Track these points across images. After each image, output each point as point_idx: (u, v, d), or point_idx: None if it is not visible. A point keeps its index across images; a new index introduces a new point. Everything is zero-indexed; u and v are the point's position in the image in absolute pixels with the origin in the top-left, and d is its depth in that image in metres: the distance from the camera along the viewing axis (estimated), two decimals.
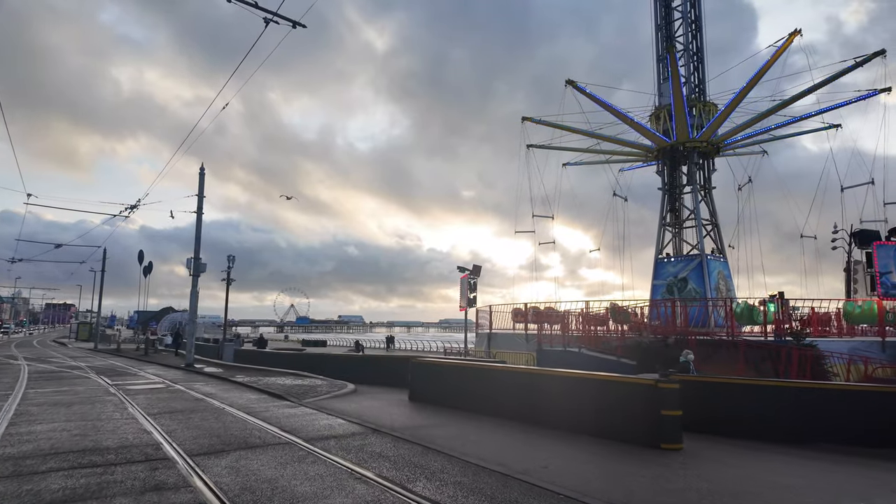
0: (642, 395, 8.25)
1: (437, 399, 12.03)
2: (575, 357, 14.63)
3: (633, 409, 8.31)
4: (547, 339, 15.94)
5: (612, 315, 17.97)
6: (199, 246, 24.07)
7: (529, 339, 19.13)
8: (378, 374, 18.11)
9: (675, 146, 24.79)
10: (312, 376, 18.17)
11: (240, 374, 19.29)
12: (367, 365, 19.02)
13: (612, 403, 8.57)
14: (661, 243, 25.70)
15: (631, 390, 8.45)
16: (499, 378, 10.65)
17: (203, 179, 24.54)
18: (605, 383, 8.77)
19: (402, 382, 16.21)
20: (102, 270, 47.86)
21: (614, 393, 8.65)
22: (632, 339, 14.78)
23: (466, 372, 11.58)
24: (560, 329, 21.38)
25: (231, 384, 16.81)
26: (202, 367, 22.68)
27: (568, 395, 9.21)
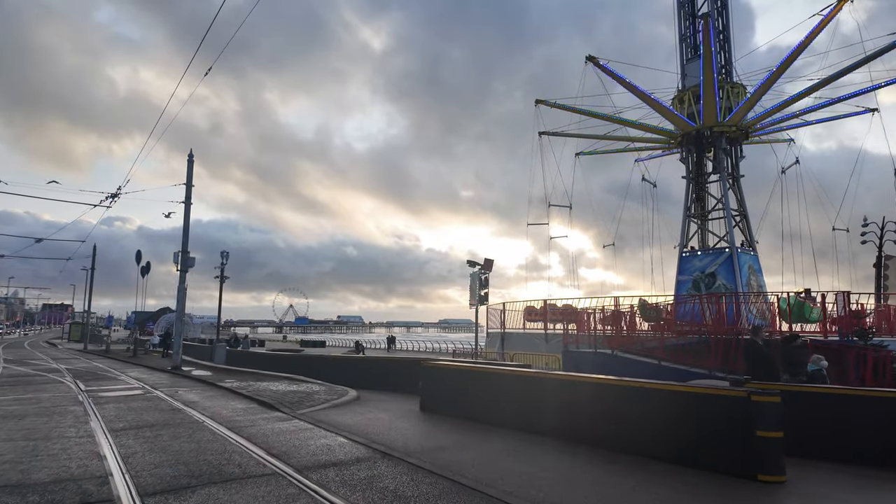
0: (730, 410, 6.44)
1: (455, 410, 10.23)
2: (608, 360, 12.84)
3: (717, 428, 6.50)
4: (572, 340, 14.17)
5: (641, 312, 16.15)
6: (186, 239, 22.23)
7: (550, 340, 17.34)
8: (382, 378, 16.30)
9: (702, 131, 22.99)
10: (309, 381, 16.34)
11: (229, 379, 17.46)
12: (369, 368, 17.21)
13: (689, 421, 6.75)
14: (685, 236, 23.90)
15: (714, 405, 6.63)
16: (538, 387, 8.82)
17: (192, 167, 22.71)
18: (679, 395, 6.96)
19: (410, 388, 14.42)
20: (92, 268, 46.04)
21: (691, 408, 6.83)
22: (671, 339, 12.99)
23: (493, 379, 9.75)
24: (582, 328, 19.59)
25: (218, 390, 14.98)
26: (190, 371, 20.85)
27: (627, 410, 7.38)
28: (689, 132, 23.44)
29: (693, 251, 23.68)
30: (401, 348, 56.29)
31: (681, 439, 6.75)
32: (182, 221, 22.50)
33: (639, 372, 12.35)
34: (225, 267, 35.01)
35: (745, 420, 6.25)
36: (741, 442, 6.25)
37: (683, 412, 6.86)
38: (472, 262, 21.52)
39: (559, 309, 19.86)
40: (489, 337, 22.81)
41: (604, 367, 12.95)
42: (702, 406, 6.73)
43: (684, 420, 6.80)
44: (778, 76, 21.32)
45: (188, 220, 22.34)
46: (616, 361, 12.85)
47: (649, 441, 7.01)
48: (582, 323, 20.02)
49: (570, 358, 13.61)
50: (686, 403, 6.92)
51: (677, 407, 6.97)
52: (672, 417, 6.92)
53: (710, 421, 6.58)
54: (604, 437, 7.47)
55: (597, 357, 13.16)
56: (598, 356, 13.17)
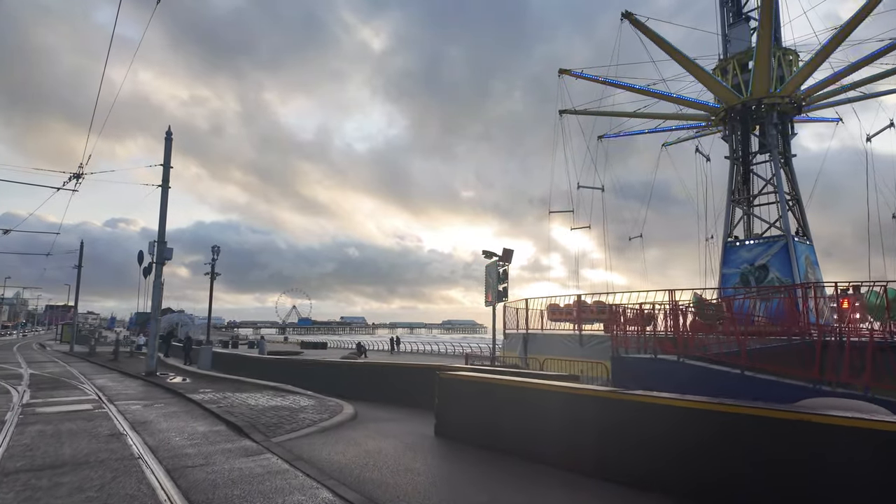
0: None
1: (481, 437, 7.54)
2: (673, 369, 10.12)
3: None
4: (621, 343, 11.44)
5: (697, 310, 13.37)
6: (163, 227, 19.57)
7: (586, 343, 14.59)
8: (386, 388, 13.59)
9: (748, 103, 20.21)
10: (298, 392, 13.64)
11: (206, 388, 14.78)
12: (372, 376, 14.51)
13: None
14: (730, 224, 21.08)
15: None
16: (612, 413, 6.06)
17: (170, 147, 20.04)
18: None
19: (420, 401, 11.72)
20: (79, 266, 43.48)
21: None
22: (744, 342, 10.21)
23: (537, 399, 7.00)
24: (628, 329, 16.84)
25: (185, 404, 12.28)
26: (166, 377, 18.18)
27: (800, 459, 4.61)
28: (735, 105, 20.61)
29: (738, 241, 20.86)
30: (407, 350, 53.55)
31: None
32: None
33: (718, 385, 9.59)
34: (216, 263, 32.46)
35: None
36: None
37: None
38: (489, 253, 18.79)
39: (591, 306, 17.10)
40: (508, 338, 20.10)
41: (670, 378, 10.21)
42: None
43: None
44: (841, 40, 18.47)
45: (165, 205, 19.68)
46: (683, 370, 10.11)
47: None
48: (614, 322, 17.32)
49: (622, 366, 10.89)
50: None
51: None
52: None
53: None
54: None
55: (657, 364, 10.43)
56: (658, 363, 10.44)
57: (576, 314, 16.68)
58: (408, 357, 43.80)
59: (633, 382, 10.89)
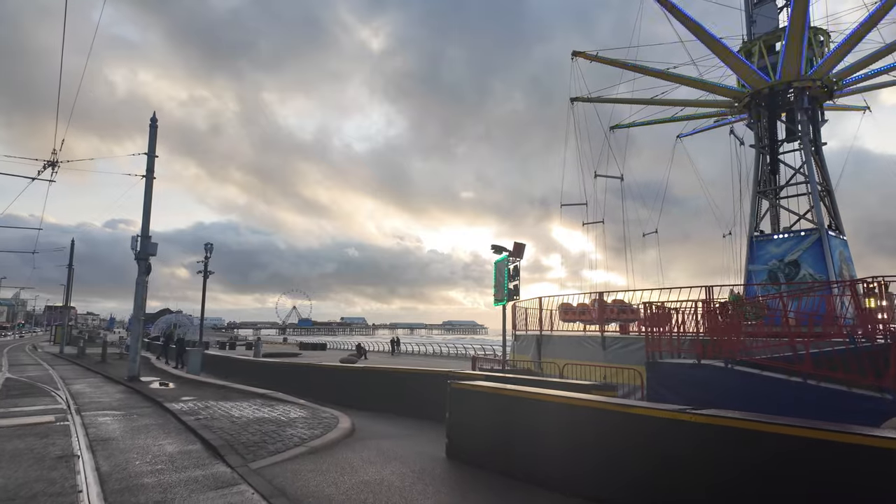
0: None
1: (505, 462, 6.17)
2: (721, 376, 8.70)
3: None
4: (655, 345, 10.00)
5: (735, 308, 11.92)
6: (148, 220, 18.18)
7: (609, 346, 13.17)
8: (389, 397, 12.20)
9: (777, 87, 18.80)
10: (290, 400, 12.24)
11: (189, 396, 13.40)
12: (371, 382, 13.11)
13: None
14: (757, 217, 19.66)
15: None
16: (684, 439, 4.66)
17: (154, 135, 18.67)
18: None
19: (427, 412, 10.37)
20: (70, 265, 42.14)
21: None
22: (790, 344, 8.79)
23: (578, 417, 5.58)
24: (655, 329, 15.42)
25: (159, 416, 10.89)
26: (149, 382, 16.80)
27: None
28: (762, 90, 19.18)
29: (762, 234, 19.42)
30: (407, 351, 52.11)
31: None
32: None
33: (775, 396, 8.18)
34: (211, 263, 31.12)
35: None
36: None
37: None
38: (498, 248, 17.38)
39: (611, 306, 15.66)
40: (518, 340, 18.68)
41: (716, 388, 8.80)
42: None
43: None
44: (882, 15, 17.05)
45: (150, 197, 18.30)
46: (731, 379, 8.69)
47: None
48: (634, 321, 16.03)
49: (658, 373, 9.47)
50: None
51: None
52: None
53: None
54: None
55: (700, 371, 9.01)
56: (701, 370, 9.02)
57: (597, 314, 15.26)
58: (409, 359, 42.38)
59: (671, 392, 9.48)
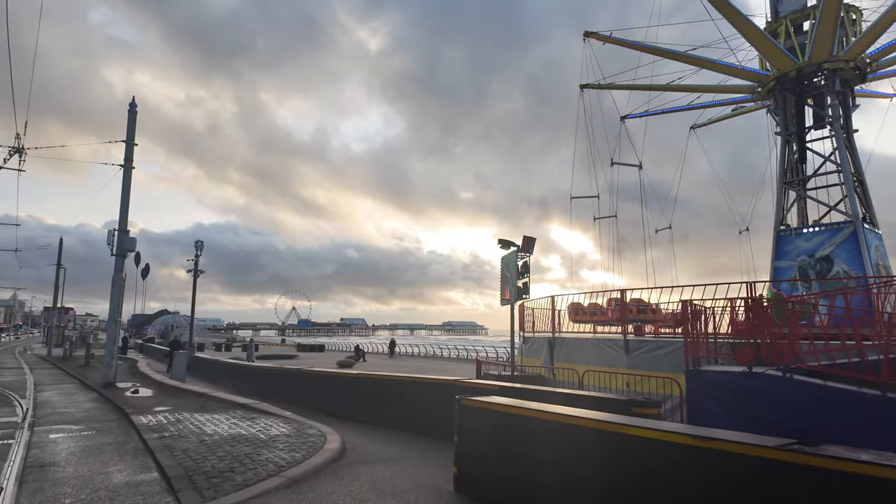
0: None
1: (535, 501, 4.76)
2: (777, 387, 7.32)
3: None
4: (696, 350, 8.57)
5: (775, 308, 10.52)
6: (126, 213, 16.77)
7: (633, 350, 11.75)
8: (385, 407, 10.80)
9: (805, 69, 17.41)
10: (274, 413, 10.82)
11: (162, 407, 12.00)
12: (367, 391, 11.70)
13: None
14: (783, 209, 18.26)
15: None
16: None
17: (134, 120, 17.27)
18: None
19: (430, 426, 9.01)
20: (58, 264, 40.72)
21: None
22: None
23: (633, 451, 4.17)
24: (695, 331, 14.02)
25: (124, 431, 9.49)
26: (125, 389, 15.39)
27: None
28: (788, 73, 17.78)
29: (791, 229, 18.01)
30: (406, 353, 50.65)
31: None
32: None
33: (847, 411, 6.78)
34: (204, 260, 29.74)
35: None
36: None
37: None
38: (506, 242, 15.96)
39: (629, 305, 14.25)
40: (527, 343, 17.28)
41: (774, 401, 7.39)
42: None
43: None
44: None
45: (128, 188, 16.89)
46: (791, 390, 7.31)
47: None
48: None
49: (704, 383, 8.04)
50: None
51: None
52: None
53: None
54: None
55: (755, 382, 7.63)
56: (755, 380, 7.64)
57: (614, 314, 13.85)
58: (408, 361, 40.94)
59: (719, 407, 8.06)
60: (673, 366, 10.93)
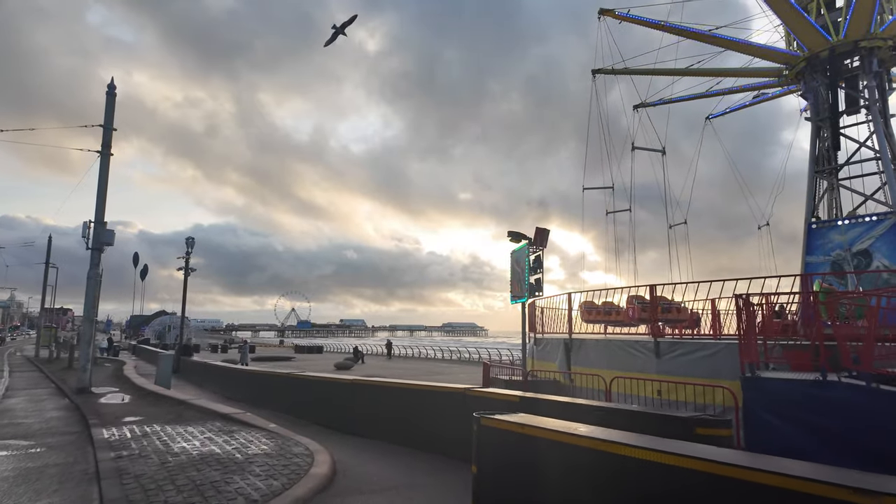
0: None
1: None
2: (860, 399, 5.99)
3: None
4: (750, 353, 7.20)
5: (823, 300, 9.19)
6: (103, 202, 15.44)
7: (665, 354, 10.40)
8: (385, 419, 9.47)
9: (839, 48, 16.10)
10: (257, 424, 9.46)
11: (133, 417, 10.66)
12: (363, 400, 10.34)
13: None
14: (815, 200, 16.95)
15: None
16: None
17: (112, 103, 15.94)
18: None
19: (435, 441, 7.68)
20: (47, 262, 39.38)
21: None
22: None
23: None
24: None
25: (77, 449, 8.15)
26: (100, 396, 14.06)
27: None
28: (820, 52, 16.47)
29: (826, 221, 16.68)
30: (405, 355, 49.29)
31: None
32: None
33: None
34: (193, 257, 28.42)
35: None
36: None
37: None
38: (517, 235, 14.62)
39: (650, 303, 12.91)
40: (538, 345, 15.95)
41: (857, 417, 6.06)
42: None
43: None
44: None
45: (106, 176, 15.56)
46: (880, 403, 5.98)
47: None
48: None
49: (766, 393, 6.70)
50: None
51: None
52: None
53: None
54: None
55: (831, 392, 6.29)
56: (831, 390, 6.29)
57: (641, 313, 12.53)
58: (408, 363, 39.58)
59: (786, 423, 6.70)
60: (712, 371, 9.60)
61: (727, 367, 9.38)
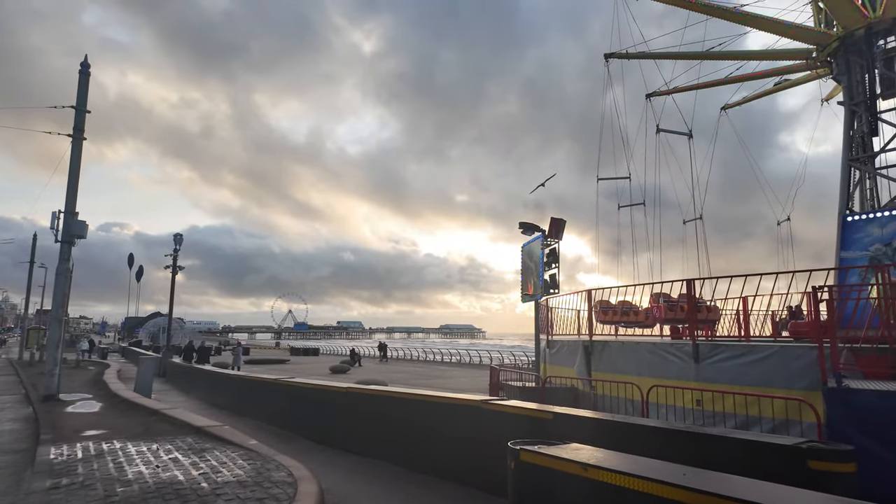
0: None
1: None
2: None
3: None
4: (830, 358, 5.91)
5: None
6: (74, 191, 14.09)
7: (706, 357, 9.08)
8: (383, 435, 8.12)
9: (877, 26, 14.86)
10: (235, 441, 8.10)
11: (95, 430, 9.29)
12: (359, 411, 8.96)
13: None
14: (849, 190, 15.70)
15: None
16: None
17: (86, 83, 14.59)
18: None
19: (445, 463, 6.33)
20: (31, 262, 37.88)
21: None
22: None
23: None
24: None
25: (16, 472, 6.78)
26: (68, 404, 12.70)
27: None
28: (856, 30, 15.24)
29: (860, 213, 15.40)
30: (402, 357, 47.88)
31: None
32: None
33: None
34: (184, 257, 27.02)
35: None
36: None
37: None
38: (529, 226, 13.28)
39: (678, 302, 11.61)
40: (552, 348, 14.63)
41: None
42: None
43: None
44: None
45: (78, 162, 14.20)
46: None
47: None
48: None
49: (857, 409, 5.42)
50: None
51: None
52: None
53: None
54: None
55: None
56: None
57: (668, 312, 11.22)
58: (405, 366, 38.18)
59: (880, 444, 5.39)
60: (761, 378, 8.29)
61: (782, 373, 8.08)
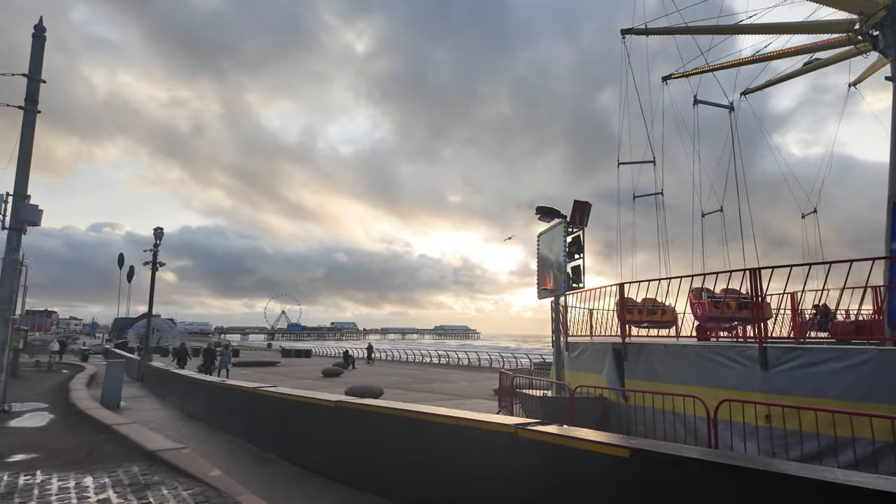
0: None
1: None
2: None
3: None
4: None
5: None
6: (26, 169, 12.27)
7: (777, 363, 7.36)
8: (387, 462, 6.37)
9: None
10: (192, 474, 6.33)
11: (23, 454, 7.52)
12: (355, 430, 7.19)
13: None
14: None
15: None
16: None
17: (41, 48, 12.77)
18: None
19: (439, 482, 4.52)
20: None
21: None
22: None
23: None
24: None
25: None
26: (14, 417, 10.89)
27: None
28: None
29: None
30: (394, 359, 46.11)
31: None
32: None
33: None
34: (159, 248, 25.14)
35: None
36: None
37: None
38: (549, 211, 11.54)
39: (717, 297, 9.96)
40: (572, 351, 12.96)
41: None
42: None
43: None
44: None
45: (31, 135, 12.38)
46: None
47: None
48: None
49: None
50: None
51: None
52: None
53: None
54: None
55: None
56: None
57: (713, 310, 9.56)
58: (399, 368, 36.39)
59: None
60: (859, 390, 6.65)
61: (885, 383, 6.44)
